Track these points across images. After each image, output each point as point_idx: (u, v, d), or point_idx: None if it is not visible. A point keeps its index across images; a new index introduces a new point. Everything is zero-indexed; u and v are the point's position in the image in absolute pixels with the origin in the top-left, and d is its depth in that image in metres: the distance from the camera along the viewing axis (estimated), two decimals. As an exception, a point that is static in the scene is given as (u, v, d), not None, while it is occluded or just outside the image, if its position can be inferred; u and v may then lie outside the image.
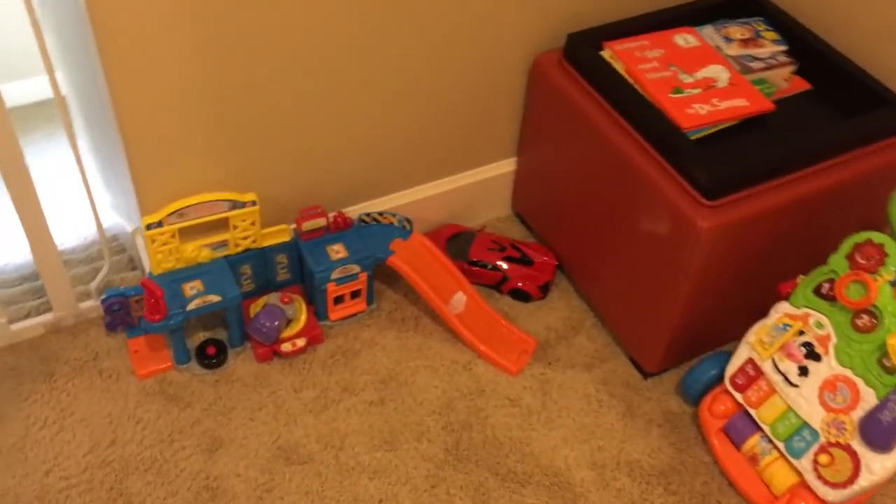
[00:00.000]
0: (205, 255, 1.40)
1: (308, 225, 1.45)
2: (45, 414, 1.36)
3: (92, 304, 1.47)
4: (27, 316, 1.46)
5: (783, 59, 1.45)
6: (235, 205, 1.37)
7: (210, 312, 1.41)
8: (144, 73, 1.18)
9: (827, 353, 1.23)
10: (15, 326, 1.43)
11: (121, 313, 1.42)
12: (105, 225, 1.62)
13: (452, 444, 1.37)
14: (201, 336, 1.47)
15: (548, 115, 1.52)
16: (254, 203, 1.38)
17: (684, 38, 1.46)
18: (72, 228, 1.60)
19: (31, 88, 1.81)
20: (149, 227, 1.33)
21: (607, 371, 1.49)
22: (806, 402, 1.25)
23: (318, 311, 1.50)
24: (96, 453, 1.32)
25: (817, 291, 1.26)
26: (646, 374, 1.48)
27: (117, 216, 1.53)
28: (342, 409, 1.40)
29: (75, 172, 1.33)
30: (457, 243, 1.62)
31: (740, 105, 1.34)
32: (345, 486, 1.31)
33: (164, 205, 1.34)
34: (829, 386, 1.23)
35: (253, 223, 1.41)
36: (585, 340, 1.53)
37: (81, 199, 1.39)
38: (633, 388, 1.47)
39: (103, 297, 1.40)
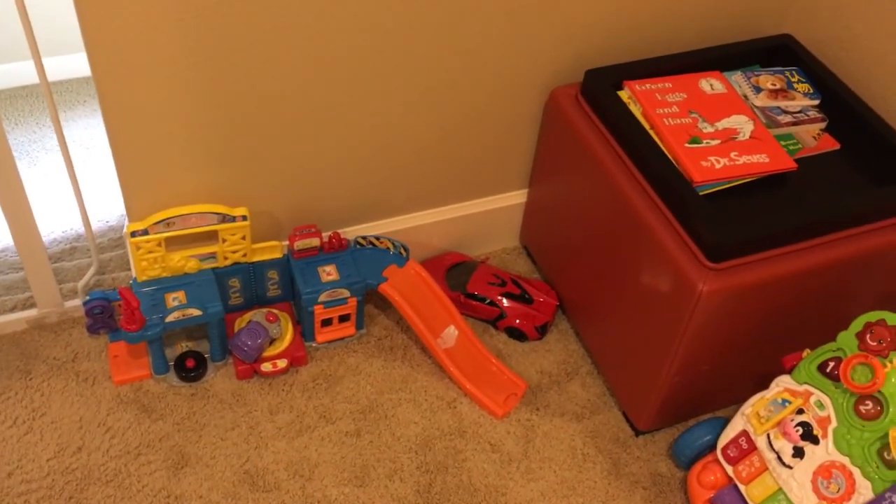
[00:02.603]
0: (191, 266, 1.37)
1: (301, 244, 1.41)
2: (16, 412, 1.34)
3: (78, 304, 1.45)
4: (12, 309, 1.44)
5: (814, 114, 1.36)
6: (225, 218, 1.34)
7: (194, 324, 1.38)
8: (134, 75, 1.15)
9: (825, 436, 1.15)
10: (-3, 320, 1.42)
11: (103, 317, 1.39)
12: (111, 220, 1.61)
13: (425, 485, 1.32)
14: (184, 346, 1.44)
15: (560, 150, 1.45)
16: (244, 218, 1.35)
17: (710, 84, 1.38)
18: (67, 220, 1.58)
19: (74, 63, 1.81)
20: (133, 234, 1.30)
21: (597, 424, 1.42)
22: (798, 485, 1.17)
23: (305, 331, 1.46)
24: (61, 459, 1.29)
25: (822, 369, 1.18)
26: (637, 432, 1.41)
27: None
28: (316, 437, 1.36)
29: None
30: (457, 273, 1.56)
31: (760, 161, 1.27)
32: (307, 519, 1.27)
33: (151, 212, 1.30)
34: (824, 472, 1.15)
35: (243, 237, 1.37)
36: (579, 388, 1.47)
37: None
38: (623, 444, 1.40)
39: (85, 299, 1.37)
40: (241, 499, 1.28)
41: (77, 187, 1.32)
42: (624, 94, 1.36)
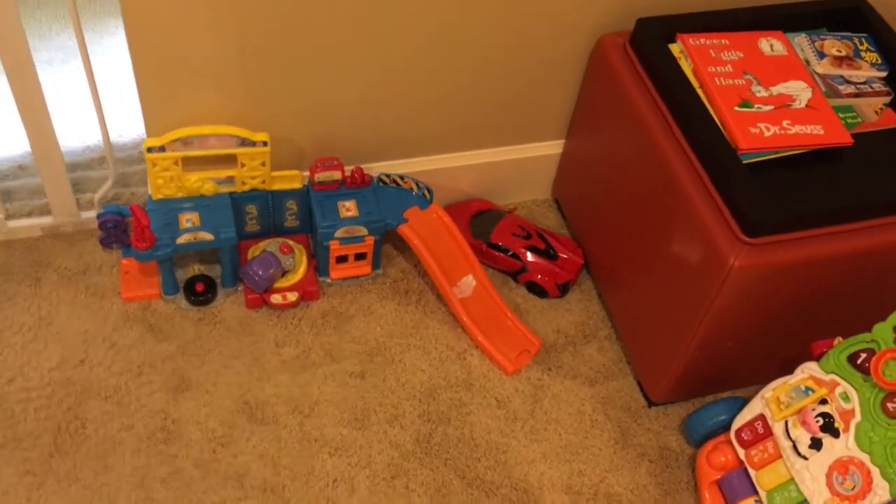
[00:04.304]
0: (208, 188, 1.33)
1: (321, 176, 1.36)
2: (22, 319, 1.33)
3: (94, 215, 1.42)
4: (28, 214, 1.42)
5: (879, 87, 1.26)
6: (245, 142, 1.29)
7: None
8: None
9: (847, 430, 1.09)
10: (12, 223, 1.40)
11: (115, 231, 1.37)
12: (141, 133, 1.56)
13: (425, 435, 1.29)
14: (196, 269, 1.41)
15: (602, 101, 1.37)
16: (265, 144, 1.30)
17: (770, 44, 1.28)
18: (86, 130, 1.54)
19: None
20: (150, 150, 1.26)
21: (610, 390, 1.37)
22: (811, 477, 1.11)
23: (319, 266, 1.42)
24: (63, 370, 1.28)
25: (852, 360, 1.11)
26: (650, 402, 1.36)
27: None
28: (320, 375, 1.33)
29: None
30: (481, 221, 1.50)
31: (813, 133, 1.18)
32: (303, 456, 1.25)
33: (170, 129, 1.26)
34: (841, 467, 1.09)
35: (263, 164, 1.32)
36: (595, 352, 1.42)
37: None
38: (633, 414, 1.35)
39: (99, 212, 1.35)
40: (237, 428, 1.26)
41: (96, 94, 1.28)
42: (676, 48, 1.27)
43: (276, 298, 1.37)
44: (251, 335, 1.36)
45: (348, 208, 1.38)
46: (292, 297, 1.37)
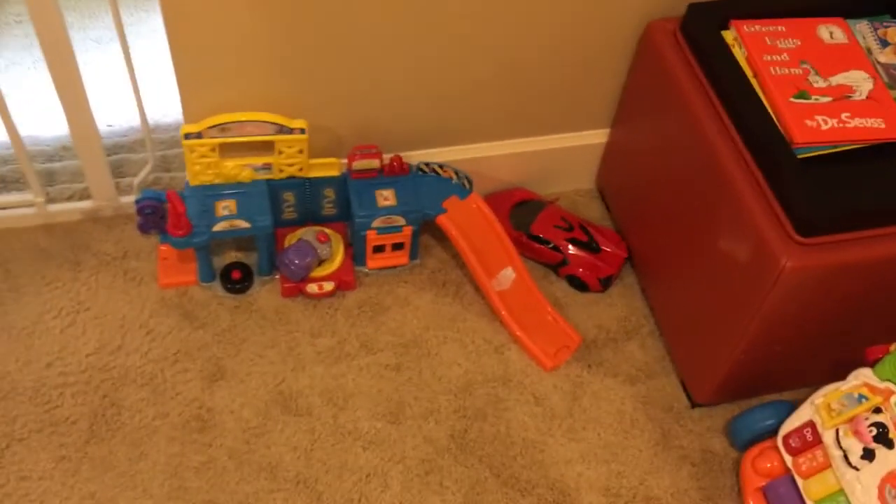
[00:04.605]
0: (246, 174, 1.32)
1: (360, 164, 1.34)
2: (61, 304, 1.33)
3: (133, 200, 1.42)
4: (69, 198, 1.43)
5: (946, 77, 1.19)
6: (283, 129, 1.27)
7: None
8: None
9: (902, 441, 1.04)
10: (52, 207, 1.40)
11: (154, 217, 1.35)
12: (178, 115, 1.55)
13: (460, 431, 1.26)
14: (233, 256, 1.40)
15: (651, 90, 1.32)
16: (302, 131, 1.28)
17: (830, 31, 1.22)
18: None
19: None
20: (187, 136, 1.24)
21: (651, 389, 1.33)
22: (863, 489, 1.06)
23: (356, 255, 1.40)
24: (100, 355, 1.29)
25: (910, 367, 1.06)
26: (694, 403, 1.32)
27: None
28: (355, 367, 1.31)
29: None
30: (522, 212, 1.47)
31: (874, 126, 1.12)
32: (336, 449, 1.23)
33: (207, 115, 1.25)
34: (895, 480, 1.04)
35: (300, 151, 1.30)
36: (637, 349, 1.38)
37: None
38: (676, 414, 1.31)
39: (137, 197, 1.34)
40: (271, 419, 1.25)
41: (133, 75, 1.27)
42: (729, 35, 1.22)
43: (311, 288, 1.35)
44: (286, 324, 1.35)
45: (386, 197, 1.35)
46: (328, 286, 1.35)
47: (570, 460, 1.25)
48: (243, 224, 1.29)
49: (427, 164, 1.38)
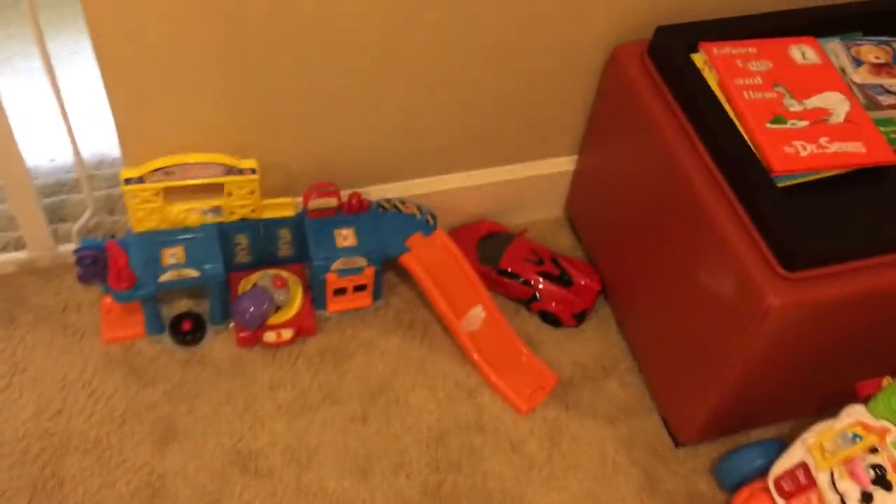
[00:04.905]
0: (193, 219, 1.23)
1: (316, 204, 1.26)
2: (-5, 365, 1.23)
3: (72, 248, 1.32)
4: (2, 249, 1.32)
5: (924, 96, 1.15)
6: (232, 170, 1.19)
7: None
8: None
9: (901, 483, 0.98)
10: (-16, 260, 1.30)
11: (95, 267, 1.26)
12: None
13: (434, 485, 1.18)
14: (184, 304, 1.31)
15: (619, 115, 1.27)
16: (253, 171, 1.19)
17: (802, 52, 1.17)
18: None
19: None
20: (127, 181, 1.15)
21: (633, 429, 1.27)
22: (862, 534, 1.00)
23: (316, 298, 1.31)
24: (39, 421, 1.18)
25: (905, 403, 1.00)
26: (678, 443, 1.26)
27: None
28: (318, 420, 1.23)
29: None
30: (490, 245, 1.40)
31: (854, 151, 1.07)
32: (300, 513, 1.14)
33: (150, 158, 1.16)
34: (895, 525, 0.98)
35: (252, 192, 1.22)
36: (616, 386, 1.31)
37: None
38: (660, 456, 1.25)
39: (76, 247, 1.24)
40: (229, 482, 1.16)
41: (64, 110, 1.17)
42: (699, 59, 1.16)
43: (269, 336, 1.26)
44: (243, 377, 1.26)
45: (346, 237, 1.27)
46: (287, 334, 1.27)
47: (552, 511, 1.18)
48: (192, 273, 1.20)
49: (388, 201, 1.31)
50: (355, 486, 1.17)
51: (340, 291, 1.30)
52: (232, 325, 1.30)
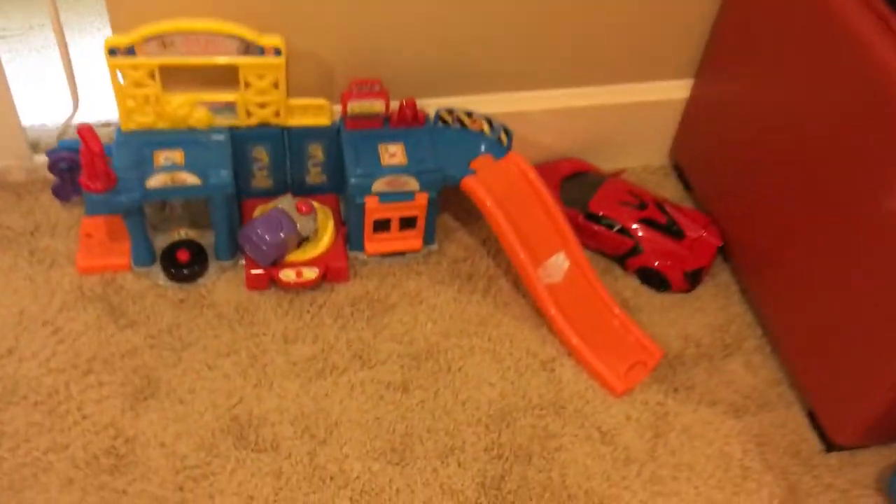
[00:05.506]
0: (200, 116, 0.96)
1: (357, 106, 0.98)
2: (-62, 292, 0.96)
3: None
4: (-30, 158, 1.07)
5: None
6: (250, 48, 0.91)
7: (194, 203, 0.97)
8: None
9: None
10: (-57, 167, 1.04)
11: (73, 176, 1.00)
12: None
13: (494, 478, 0.87)
14: (182, 234, 1.03)
15: (763, 14, 0.96)
16: (278, 52, 0.92)
17: None
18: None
19: None
20: (112, 51, 0.89)
21: (767, 424, 0.94)
22: None
23: (350, 235, 1.03)
24: (-18, 362, 0.91)
25: None
26: (830, 445, 0.92)
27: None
28: (343, 384, 0.93)
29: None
30: (576, 186, 1.10)
31: None
32: (312, 501, 0.84)
33: (142, 22, 0.89)
34: None
35: (275, 84, 0.94)
36: (740, 369, 0.99)
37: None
38: (805, 460, 0.91)
39: (50, 149, 0.98)
40: (219, 455, 0.86)
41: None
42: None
43: (287, 275, 0.98)
44: (252, 325, 0.97)
45: (393, 154, 0.99)
46: (310, 274, 0.98)
47: (657, 525, 0.85)
48: (191, 179, 0.92)
49: (450, 112, 1.02)
50: (387, 470, 0.86)
51: (382, 225, 1.01)
52: (241, 262, 1.01)
